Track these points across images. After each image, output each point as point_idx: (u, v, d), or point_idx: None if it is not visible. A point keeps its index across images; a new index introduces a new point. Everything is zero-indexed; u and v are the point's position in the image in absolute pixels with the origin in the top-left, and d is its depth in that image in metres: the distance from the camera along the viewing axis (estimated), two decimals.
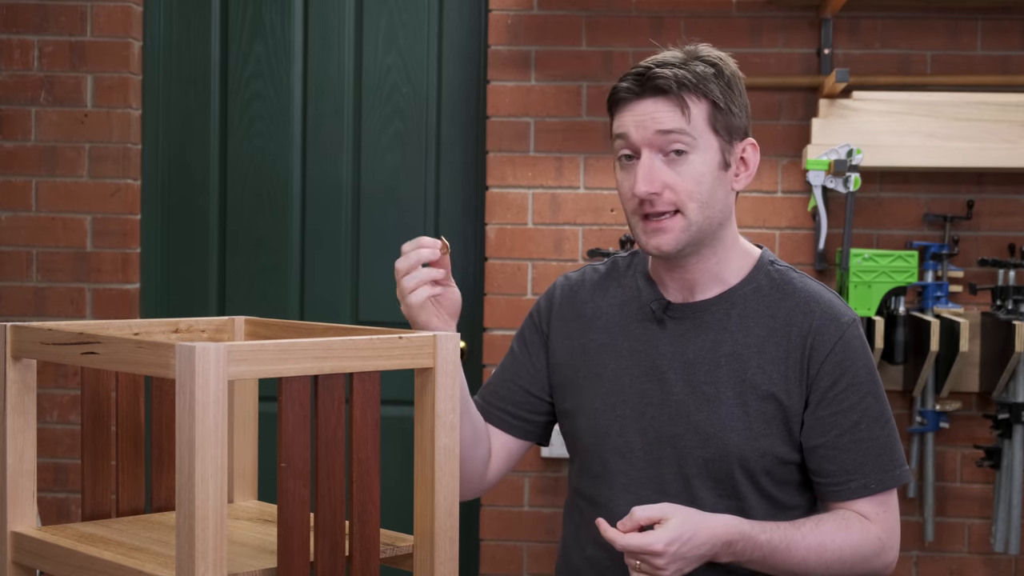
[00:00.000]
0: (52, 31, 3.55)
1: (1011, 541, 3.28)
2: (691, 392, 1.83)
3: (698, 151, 1.79)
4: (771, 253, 1.91)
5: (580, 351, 1.93)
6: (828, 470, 1.82)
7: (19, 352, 1.58)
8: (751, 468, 1.81)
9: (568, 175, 3.51)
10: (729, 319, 1.84)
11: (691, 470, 1.82)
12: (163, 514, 1.73)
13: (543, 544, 3.53)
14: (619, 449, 1.86)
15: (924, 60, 3.46)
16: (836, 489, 1.82)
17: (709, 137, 1.80)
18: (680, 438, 1.82)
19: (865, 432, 1.81)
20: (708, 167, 1.79)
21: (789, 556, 1.76)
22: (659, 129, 1.78)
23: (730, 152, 1.82)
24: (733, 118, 1.81)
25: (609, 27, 3.50)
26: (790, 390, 1.80)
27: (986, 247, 3.45)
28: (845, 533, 1.79)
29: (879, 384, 1.84)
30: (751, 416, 1.80)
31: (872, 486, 1.81)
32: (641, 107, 1.80)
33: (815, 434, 1.81)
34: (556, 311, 1.98)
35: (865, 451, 1.81)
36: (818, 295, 1.85)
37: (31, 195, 3.57)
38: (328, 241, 3.68)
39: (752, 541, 1.74)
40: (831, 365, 1.80)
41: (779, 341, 1.82)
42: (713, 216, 1.81)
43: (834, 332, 1.81)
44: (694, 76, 1.79)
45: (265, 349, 1.37)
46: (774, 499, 1.84)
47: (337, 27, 3.67)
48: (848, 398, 1.80)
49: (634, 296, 1.91)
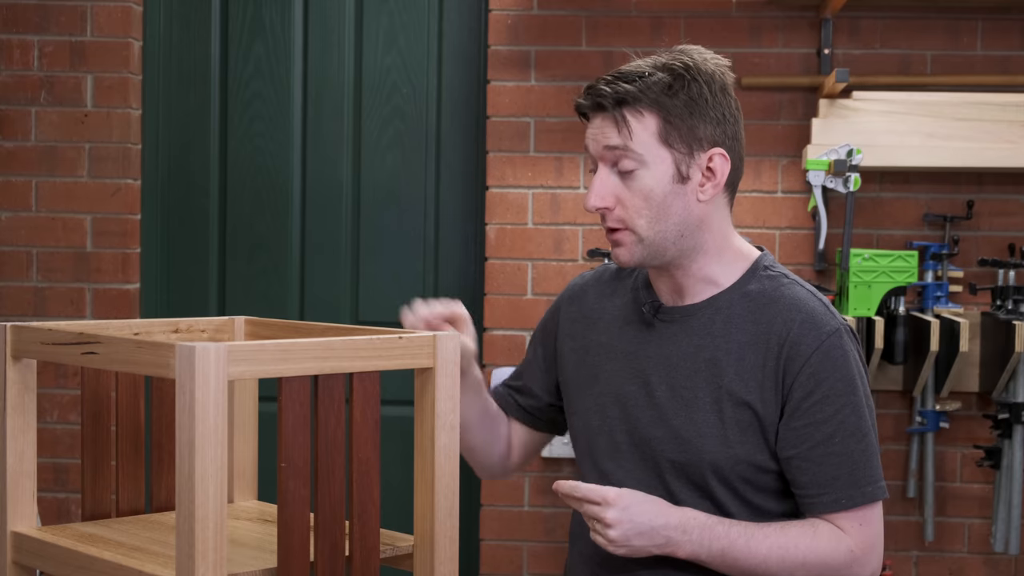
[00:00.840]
0: (52, 31, 3.55)
1: (1011, 541, 3.27)
2: (671, 396, 1.82)
3: (646, 166, 1.76)
4: (770, 257, 1.88)
5: (583, 351, 1.93)
6: (801, 482, 1.78)
7: (19, 352, 1.58)
8: (725, 474, 1.79)
9: (568, 175, 3.51)
10: (714, 324, 1.82)
11: (668, 473, 1.81)
12: (163, 514, 1.73)
13: (543, 544, 3.53)
14: (609, 450, 1.86)
15: (924, 60, 3.46)
16: (809, 501, 1.79)
17: (658, 151, 1.76)
18: (659, 441, 1.82)
19: (839, 446, 1.76)
20: (658, 182, 1.76)
21: (749, 553, 1.74)
22: (606, 145, 1.78)
23: (689, 163, 1.77)
24: (696, 129, 1.77)
25: (609, 27, 3.50)
26: (765, 399, 1.78)
27: (986, 247, 3.45)
28: (811, 540, 1.76)
29: (860, 397, 1.79)
30: (726, 423, 1.78)
31: (843, 501, 1.77)
32: (594, 121, 1.81)
33: (788, 445, 1.78)
34: (564, 311, 1.99)
35: (837, 465, 1.76)
36: (802, 303, 1.80)
37: (31, 195, 3.57)
38: (328, 241, 3.68)
39: (710, 531, 1.74)
40: (806, 376, 1.76)
41: (758, 348, 1.78)
42: (667, 230, 1.78)
43: (812, 342, 1.77)
44: (639, 91, 1.75)
45: (265, 349, 1.37)
46: (754, 505, 1.82)
47: (337, 27, 3.67)
48: (823, 410, 1.76)
49: (633, 298, 1.92)
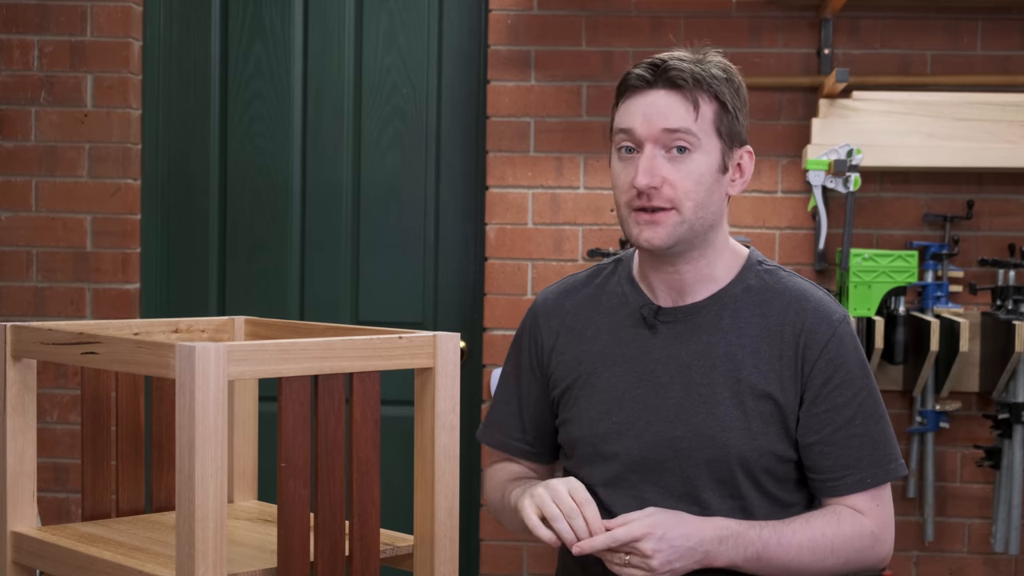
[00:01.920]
0: (52, 31, 3.55)
1: (1011, 541, 3.28)
2: (688, 395, 1.83)
3: (701, 150, 1.80)
4: (758, 253, 1.93)
5: (574, 363, 1.92)
6: (824, 466, 1.83)
7: (19, 352, 1.58)
8: (751, 467, 1.81)
9: (568, 175, 3.51)
10: (721, 320, 1.84)
11: (693, 471, 1.82)
12: (163, 514, 1.73)
13: (543, 544, 3.53)
14: (616, 456, 1.86)
15: (924, 60, 3.46)
16: (832, 484, 1.83)
17: (713, 138, 1.81)
18: (680, 440, 1.82)
19: (860, 428, 1.83)
20: (708, 168, 1.81)
21: (783, 552, 1.78)
22: (666, 127, 1.79)
23: (729, 157, 1.84)
24: (737, 124, 1.83)
25: (609, 27, 3.50)
26: (785, 388, 1.82)
27: (986, 247, 3.45)
28: (836, 527, 1.81)
29: (872, 379, 1.86)
30: (749, 416, 1.81)
31: (868, 480, 1.83)
32: (652, 98, 1.80)
33: (811, 431, 1.82)
34: (544, 327, 1.96)
35: (860, 446, 1.82)
36: (809, 293, 1.86)
37: (31, 195, 3.57)
38: (328, 241, 3.68)
39: (743, 537, 1.76)
40: (824, 362, 1.82)
41: (772, 340, 1.83)
42: (706, 217, 1.82)
43: (826, 330, 1.83)
44: (708, 75, 1.81)
45: (265, 349, 1.37)
46: (774, 497, 1.85)
47: (337, 27, 3.67)
48: (842, 394, 1.82)
49: (622, 303, 1.91)
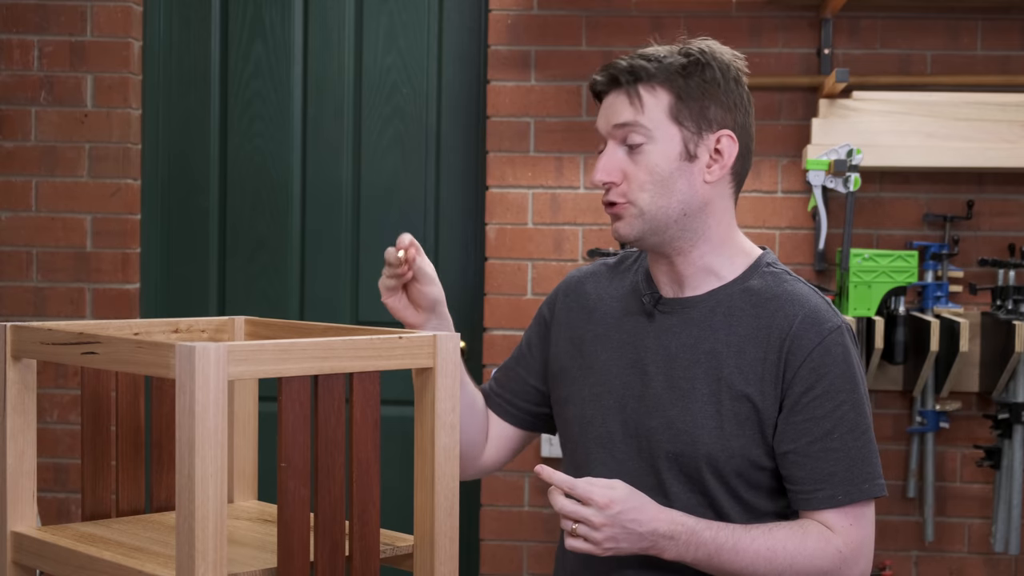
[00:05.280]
0: (52, 31, 3.55)
1: (1011, 541, 3.28)
2: (668, 386, 1.82)
3: (653, 141, 1.80)
4: (772, 256, 1.90)
5: (578, 341, 1.94)
6: (797, 477, 1.79)
7: (19, 352, 1.58)
8: (720, 467, 1.79)
9: (568, 175, 3.51)
10: (715, 316, 1.83)
11: (661, 463, 1.81)
12: (163, 514, 1.73)
13: (543, 544, 3.53)
14: (601, 439, 1.86)
15: (924, 60, 3.46)
16: (804, 497, 1.79)
17: (668, 127, 1.80)
18: (654, 431, 1.82)
19: (838, 442, 1.77)
20: (664, 157, 1.80)
21: (736, 557, 1.74)
22: (616, 123, 1.82)
23: (698, 143, 1.81)
24: (707, 109, 1.81)
25: (609, 27, 3.50)
26: (765, 392, 1.78)
27: (986, 247, 3.45)
28: (799, 542, 1.76)
29: (860, 394, 1.80)
30: (723, 415, 1.79)
31: (839, 497, 1.77)
32: (607, 100, 1.85)
33: (786, 439, 1.78)
34: (561, 303, 2.00)
35: (836, 461, 1.77)
36: (805, 299, 1.82)
37: (31, 195, 3.57)
38: (328, 241, 3.68)
39: (697, 536, 1.73)
40: (807, 371, 1.77)
41: (759, 343, 1.80)
42: (669, 206, 1.81)
43: (814, 337, 1.78)
44: (654, 67, 1.80)
45: (265, 349, 1.37)
46: (746, 503, 1.82)
47: (337, 27, 3.67)
48: (823, 406, 1.77)
49: (632, 290, 1.92)
